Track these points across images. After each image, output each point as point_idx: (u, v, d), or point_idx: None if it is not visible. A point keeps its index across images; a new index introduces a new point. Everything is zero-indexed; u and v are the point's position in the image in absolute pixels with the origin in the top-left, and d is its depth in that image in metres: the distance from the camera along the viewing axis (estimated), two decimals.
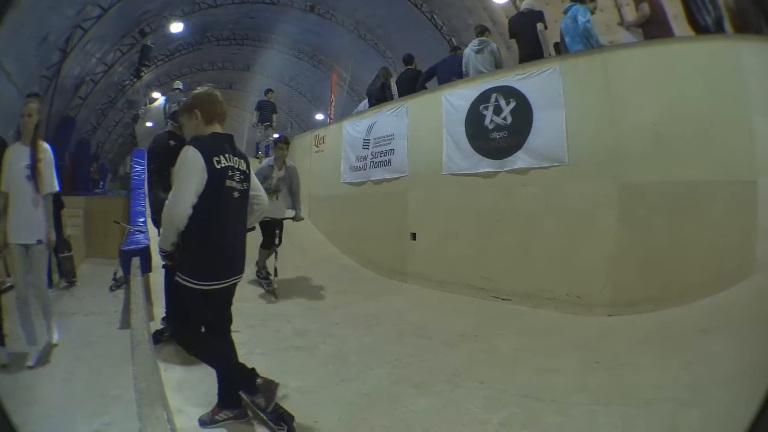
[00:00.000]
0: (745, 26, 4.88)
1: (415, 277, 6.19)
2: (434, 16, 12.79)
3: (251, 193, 2.74)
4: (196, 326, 2.65)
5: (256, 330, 4.27)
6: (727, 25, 5.01)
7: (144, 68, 13.82)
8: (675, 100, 4.39)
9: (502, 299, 5.15)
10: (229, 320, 2.82)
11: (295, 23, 14.88)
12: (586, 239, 4.70)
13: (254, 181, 2.79)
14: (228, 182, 2.53)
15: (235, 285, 2.72)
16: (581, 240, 4.74)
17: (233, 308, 2.79)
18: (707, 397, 2.54)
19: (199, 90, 2.74)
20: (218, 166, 2.48)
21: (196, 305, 2.56)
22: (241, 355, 3.49)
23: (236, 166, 2.58)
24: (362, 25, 14.03)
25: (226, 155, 2.54)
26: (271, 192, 5.55)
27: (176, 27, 13.76)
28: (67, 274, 5.92)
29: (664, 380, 2.80)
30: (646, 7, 5.28)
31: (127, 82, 14.72)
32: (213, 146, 2.52)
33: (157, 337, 3.69)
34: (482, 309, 5.01)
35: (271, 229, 5.75)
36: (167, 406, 2.79)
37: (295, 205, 5.95)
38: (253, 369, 2.60)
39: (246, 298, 5.25)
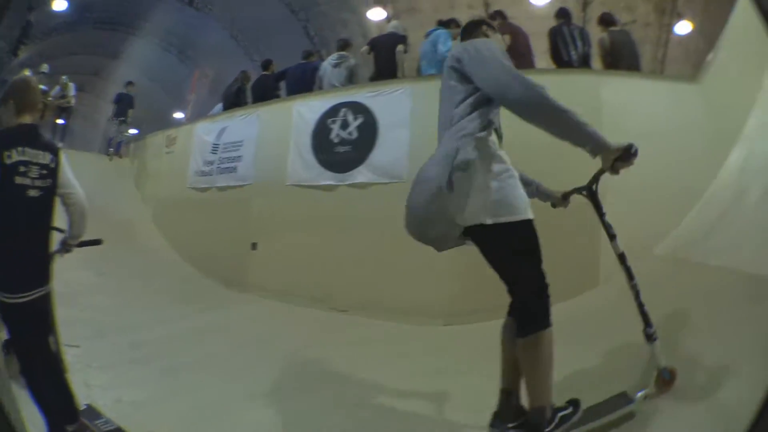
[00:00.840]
0: (616, 64, 5.40)
1: (256, 287, 5.96)
2: (308, 25, 12.75)
3: (60, 191, 2.51)
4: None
5: (94, 342, 4.05)
6: (595, 63, 5.49)
7: (22, 46, 12.33)
8: (522, 127, 4.67)
9: (339, 310, 5.11)
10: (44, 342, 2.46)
11: (171, 13, 14.07)
12: (421, 252, 4.79)
13: (65, 177, 2.57)
14: (18, 179, 2.29)
15: (42, 300, 2.41)
16: (416, 253, 4.82)
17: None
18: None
19: (16, 78, 2.57)
20: (7, 162, 2.25)
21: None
22: (78, 369, 3.34)
23: (33, 161, 2.35)
24: (236, 25, 13.60)
25: (20, 149, 2.30)
26: None
27: (59, 4, 12.50)
28: None
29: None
30: (507, 39, 5.60)
31: (5, 59, 13.07)
32: (6, 139, 2.32)
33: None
34: (319, 320, 4.97)
35: None
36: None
37: None
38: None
39: (84, 306, 4.92)
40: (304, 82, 6.44)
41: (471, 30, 2.52)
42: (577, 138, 2.05)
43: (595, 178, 2.59)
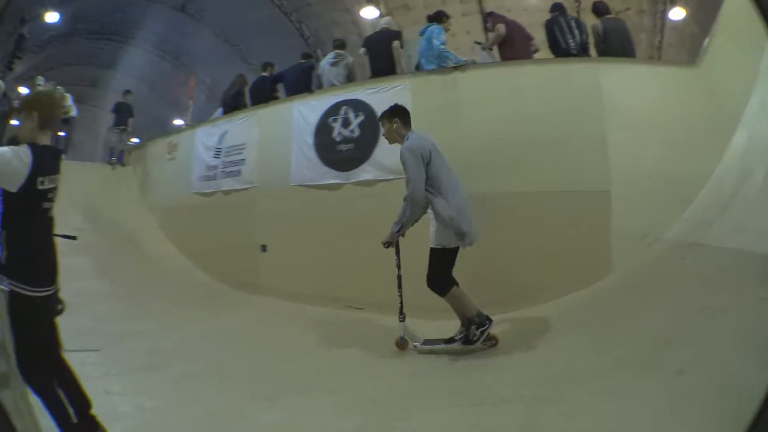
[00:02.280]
0: (610, 51, 5.42)
1: (267, 289, 6.00)
2: (302, 26, 12.77)
3: None
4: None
5: (112, 349, 4.13)
6: (593, 51, 5.51)
7: (16, 59, 12.35)
8: (531, 117, 4.75)
9: (355, 308, 5.14)
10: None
11: (164, 21, 14.11)
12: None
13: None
14: (45, 204, 2.45)
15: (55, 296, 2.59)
16: (425, 247, 4.88)
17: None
18: (565, 393, 2.68)
19: (42, 89, 2.57)
20: (39, 187, 2.37)
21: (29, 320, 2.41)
22: (98, 377, 3.45)
23: (54, 186, 2.48)
24: (228, 30, 13.61)
25: (51, 176, 2.44)
26: None
27: (52, 16, 12.59)
28: None
29: (520, 378, 2.97)
30: (502, 28, 5.62)
31: (0, 74, 13.09)
32: (43, 165, 2.39)
33: None
34: (333, 319, 5.00)
35: None
36: None
37: None
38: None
39: (98, 315, 4.96)
40: (301, 82, 6.46)
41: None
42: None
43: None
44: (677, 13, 11.96)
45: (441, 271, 3.80)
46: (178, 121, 14.20)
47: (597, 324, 3.69)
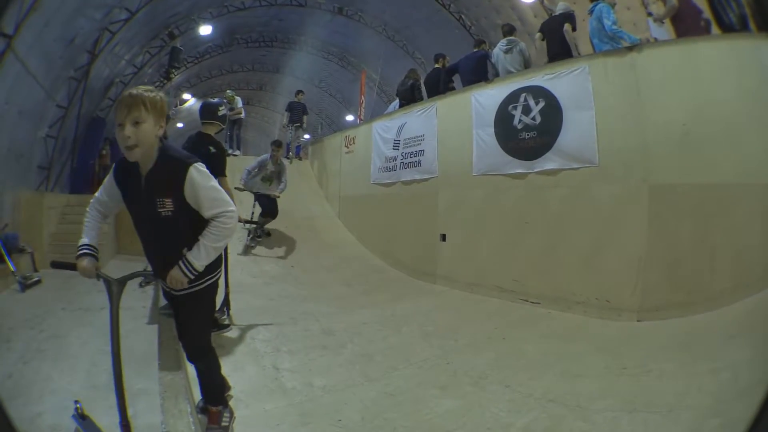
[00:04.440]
0: (765, 24, 4.80)
1: (444, 278, 6.18)
2: (462, 17, 12.76)
3: None
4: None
5: (285, 328, 4.36)
6: (750, 24, 4.93)
7: (174, 70, 14.11)
8: (703, 100, 4.33)
9: (531, 302, 5.09)
10: None
11: (323, 25, 15.02)
12: (614, 242, 4.63)
13: None
14: None
15: None
16: (610, 243, 4.67)
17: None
18: (730, 406, 2.48)
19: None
20: None
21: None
22: (268, 353, 3.74)
23: None
24: (390, 27, 14.05)
25: None
26: (266, 179, 7.39)
27: (205, 29, 14.04)
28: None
29: (689, 388, 2.75)
30: (674, 1, 5.21)
31: (157, 83, 15.13)
32: None
33: None
34: (510, 311, 4.95)
35: (271, 202, 7.27)
36: (191, 400, 2.95)
37: (280, 188, 7.38)
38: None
39: (274, 296, 5.44)
40: (477, 71, 6.51)
41: None
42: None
43: None
44: None
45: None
46: (349, 117, 15.16)
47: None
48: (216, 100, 5.19)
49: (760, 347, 2.99)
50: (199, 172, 2.16)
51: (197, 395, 2.76)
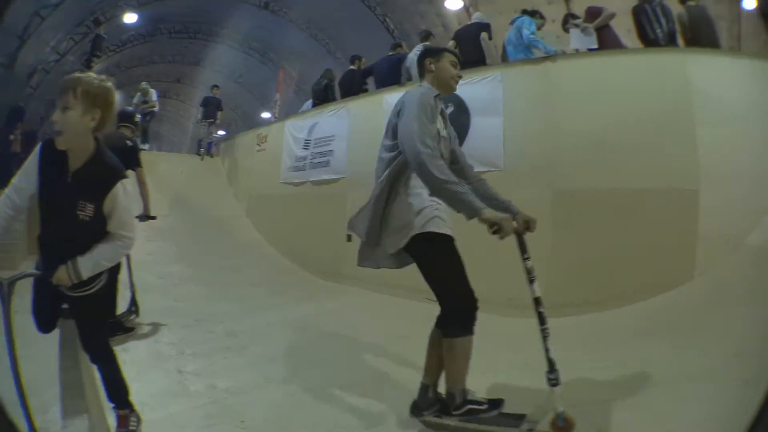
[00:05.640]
0: (696, 40, 5.14)
1: (352, 279, 5.97)
2: (387, 19, 12.86)
3: None
4: None
5: (190, 330, 4.27)
6: (679, 39, 5.25)
7: (95, 58, 13.21)
8: (619, 110, 4.55)
9: (435, 301, 5.09)
10: None
11: (248, 19, 14.58)
12: (510, 244, 4.78)
13: None
14: None
15: None
16: (514, 243, 4.81)
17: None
18: (646, 399, 2.63)
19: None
20: None
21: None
22: (173, 356, 3.67)
23: None
24: (315, 25, 13.86)
25: None
26: None
27: (130, 17, 13.28)
28: None
29: (599, 382, 2.88)
30: (611, 9, 5.44)
31: (78, 72, 14.10)
32: None
33: None
34: (415, 310, 4.84)
35: None
36: (92, 400, 2.81)
37: None
38: None
39: (180, 297, 5.24)
40: (391, 74, 6.52)
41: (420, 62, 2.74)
42: (453, 205, 2.38)
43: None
44: (750, 3, 11.37)
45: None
46: (265, 115, 14.74)
47: (676, 330, 3.47)
48: (131, 108, 5.59)
49: (667, 343, 3.22)
50: (125, 190, 2.15)
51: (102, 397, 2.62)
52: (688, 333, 3.37)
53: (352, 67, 7.33)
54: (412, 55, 6.42)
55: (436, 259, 2.55)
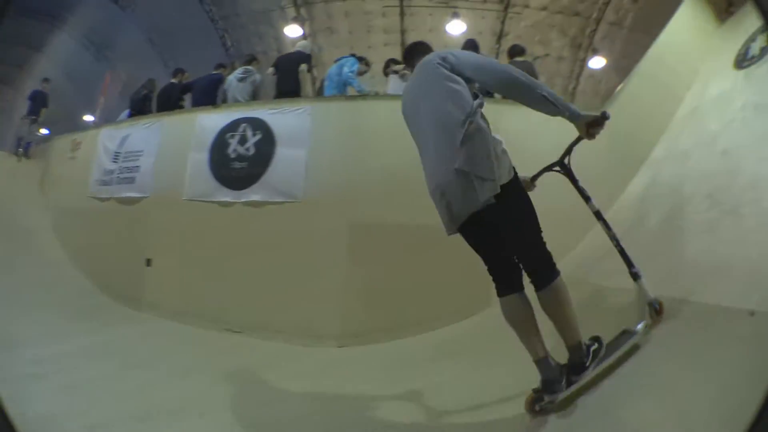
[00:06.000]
0: None
1: (151, 306, 5.74)
2: (225, 35, 12.58)
3: None
4: None
5: None
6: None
7: None
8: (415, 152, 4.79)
9: (234, 331, 5.04)
10: None
11: (97, 9, 13.47)
12: (315, 274, 4.93)
13: None
14: None
15: None
16: (310, 275, 4.95)
17: None
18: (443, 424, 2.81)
19: None
20: None
21: None
22: None
23: None
24: (156, 29, 13.07)
25: None
26: None
27: None
28: None
29: (393, 411, 3.00)
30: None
31: None
32: None
33: None
34: (215, 341, 4.89)
35: None
36: None
37: None
38: None
39: None
40: (208, 93, 6.34)
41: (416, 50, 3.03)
42: (554, 109, 2.43)
43: (568, 151, 2.85)
44: (598, 62, 12.90)
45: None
46: (88, 118, 13.51)
47: (465, 356, 3.80)
48: None
49: (460, 369, 3.49)
50: None
51: None
52: (477, 358, 3.66)
53: (173, 80, 7.02)
54: (232, 78, 6.30)
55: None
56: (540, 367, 2.43)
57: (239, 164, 5.49)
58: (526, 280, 2.56)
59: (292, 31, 11.42)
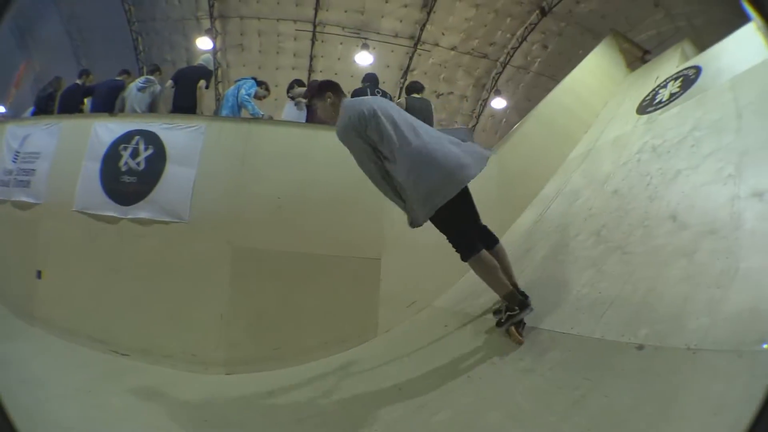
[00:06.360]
0: None
1: (43, 321, 5.47)
2: (139, 39, 12.38)
3: None
4: None
5: None
6: None
7: None
8: (315, 181, 5.01)
9: (121, 354, 4.92)
10: None
11: None
12: (200, 298, 4.95)
13: None
14: None
15: None
16: (195, 298, 4.95)
17: None
18: None
19: None
20: None
21: None
22: None
23: None
24: (76, 21, 12.59)
25: None
26: None
27: None
28: None
29: None
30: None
31: None
32: None
33: None
34: (100, 363, 4.74)
35: None
36: None
37: None
38: None
39: None
40: (107, 100, 6.25)
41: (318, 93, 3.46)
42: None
43: None
44: (499, 103, 13.30)
45: (451, 233, 3.35)
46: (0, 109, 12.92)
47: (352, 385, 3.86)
48: None
49: (345, 399, 3.53)
50: None
51: None
52: (365, 387, 3.69)
53: (78, 81, 6.86)
54: (133, 86, 6.19)
55: None
56: (508, 298, 3.26)
57: (129, 178, 5.41)
58: None
59: (204, 43, 11.40)
